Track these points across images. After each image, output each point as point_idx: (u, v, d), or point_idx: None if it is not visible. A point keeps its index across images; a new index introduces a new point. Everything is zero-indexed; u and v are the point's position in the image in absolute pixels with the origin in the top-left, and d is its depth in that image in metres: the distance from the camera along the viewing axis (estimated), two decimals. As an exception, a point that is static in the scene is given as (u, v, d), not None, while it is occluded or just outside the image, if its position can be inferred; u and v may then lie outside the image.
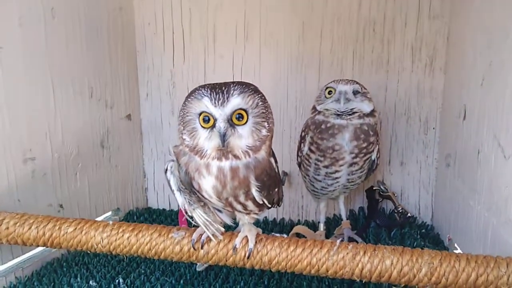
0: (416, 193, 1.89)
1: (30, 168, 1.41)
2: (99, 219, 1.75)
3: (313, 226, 1.83)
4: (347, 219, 1.70)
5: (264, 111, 1.00)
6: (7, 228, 1.19)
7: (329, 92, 1.48)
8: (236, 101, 0.95)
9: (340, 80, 1.47)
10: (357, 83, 1.47)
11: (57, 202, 1.54)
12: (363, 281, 1.04)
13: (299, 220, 1.99)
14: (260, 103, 1.00)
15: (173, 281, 1.40)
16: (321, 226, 1.69)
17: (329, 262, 1.03)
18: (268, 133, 1.01)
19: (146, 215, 2.02)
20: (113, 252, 1.15)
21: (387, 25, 1.76)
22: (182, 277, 1.43)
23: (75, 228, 1.16)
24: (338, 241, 1.06)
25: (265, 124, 1.00)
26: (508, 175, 1.12)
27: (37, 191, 1.45)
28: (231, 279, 1.41)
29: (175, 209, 2.12)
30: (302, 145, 1.54)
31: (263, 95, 1.01)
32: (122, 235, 1.14)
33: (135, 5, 1.95)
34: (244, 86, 0.98)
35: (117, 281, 1.39)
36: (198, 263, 1.46)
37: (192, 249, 1.09)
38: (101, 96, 1.75)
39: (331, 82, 1.49)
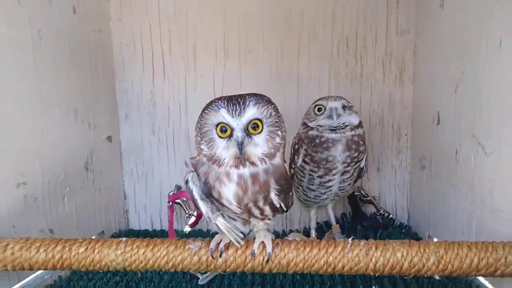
0: (392, 196, 2.02)
1: (23, 193, 1.36)
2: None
3: (299, 235, 1.89)
4: (336, 223, 1.78)
5: (277, 120, 1.06)
6: (13, 253, 1.15)
7: (319, 109, 1.54)
8: (252, 111, 1.01)
9: (329, 97, 1.55)
10: (343, 98, 1.55)
11: (48, 227, 1.49)
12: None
13: (283, 230, 2.04)
14: (273, 113, 1.06)
15: (177, 297, 1.40)
16: (313, 233, 1.76)
17: (344, 260, 1.09)
18: (282, 141, 1.07)
19: (130, 236, 1.97)
20: (128, 269, 1.15)
21: (359, 41, 1.90)
22: (186, 292, 1.43)
23: (87, 248, 1.15)
24: (350, 239, 1.13)
25: (279, 132, 1.06)
26: (490, 170, 1.25)
27: (29, 217, 1.39)
28: (234, 290, 1.43)
29: (158, 229, 2.10)
30: (296, 157, 1.59)
31: (275, 106, 1.07)
32: (137, 251, 1.14)
33: (112, 27, 1.95)
34: (258, 97, 1.04)
35: (120, 302, 1.37)
36: (200, 277, 1.47)
37: (210, 258, 1.11)
38: (84, 118, 1.73)
39: (319, 100, 1.57)
